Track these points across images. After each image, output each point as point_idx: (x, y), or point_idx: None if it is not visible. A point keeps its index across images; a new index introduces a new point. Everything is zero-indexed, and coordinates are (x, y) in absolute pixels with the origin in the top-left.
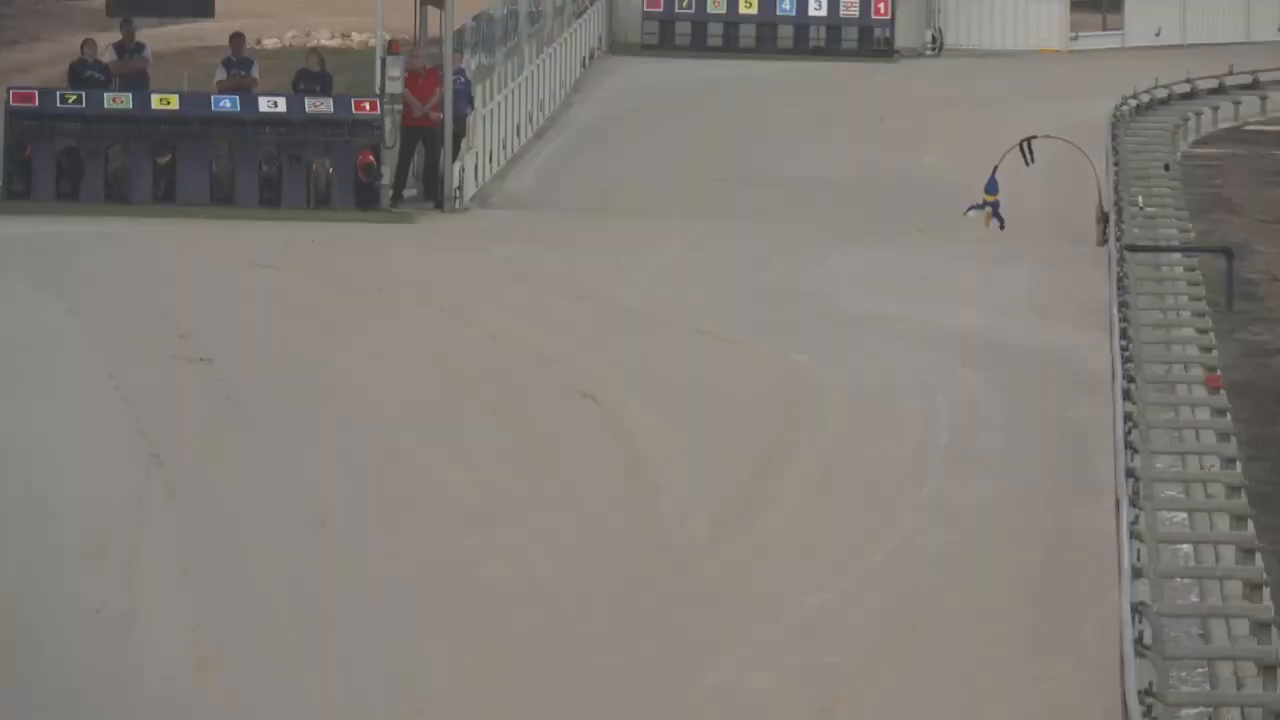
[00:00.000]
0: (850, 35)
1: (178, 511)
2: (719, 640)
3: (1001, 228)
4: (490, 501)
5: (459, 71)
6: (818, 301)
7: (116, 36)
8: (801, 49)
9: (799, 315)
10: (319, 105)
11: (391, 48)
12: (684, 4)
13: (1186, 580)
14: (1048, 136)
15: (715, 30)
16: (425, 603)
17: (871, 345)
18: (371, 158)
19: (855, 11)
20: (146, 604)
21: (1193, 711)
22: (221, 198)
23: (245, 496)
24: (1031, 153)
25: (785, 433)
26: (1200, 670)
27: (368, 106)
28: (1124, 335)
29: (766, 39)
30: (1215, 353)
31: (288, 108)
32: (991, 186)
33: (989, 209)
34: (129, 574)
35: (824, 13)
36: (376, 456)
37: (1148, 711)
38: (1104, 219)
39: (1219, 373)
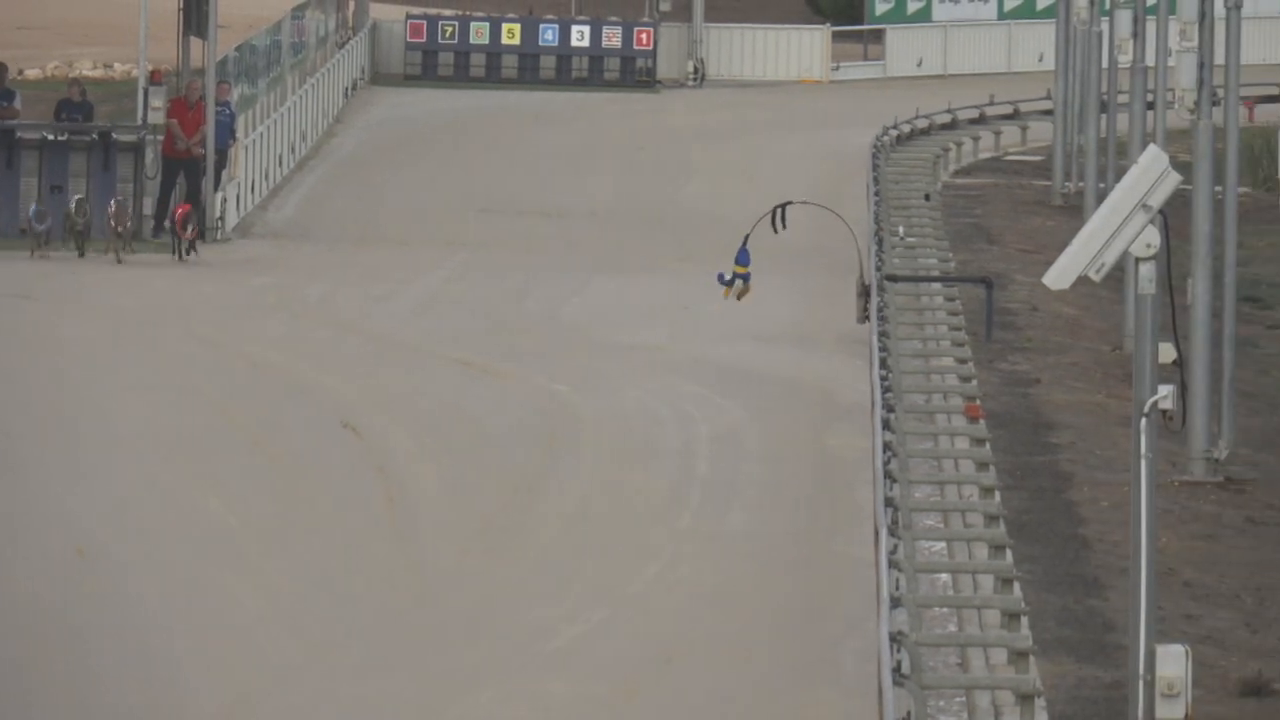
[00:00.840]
0: (613, 65)
1: None
2: (476, 670)
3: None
4: (249, 531)
5: (224, 104)
6: (578, 331)
7: None
8: (564, 79)
9: (559, 345)
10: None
11: (153, 78)
12: (447, 35)
13: (945, 609)
14: (804, 202)
15: (478, 61)
16: (184, 632)
17: (631, 375)
18: (189, 207)
19: (617, 42)
20: None
21: None
22: None
23: (2, 527)
24: (783, 220)
25: (544, 462)
26: (959, 699)
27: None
28: (884, 365)
29: (529, 69)
30: (974, 382)
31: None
32: (742, 257)
33: (740, 282)
34: None
35: (586, 43)
36: (135, 487)
37: None
38: (865, 293)
39: (978, 402)
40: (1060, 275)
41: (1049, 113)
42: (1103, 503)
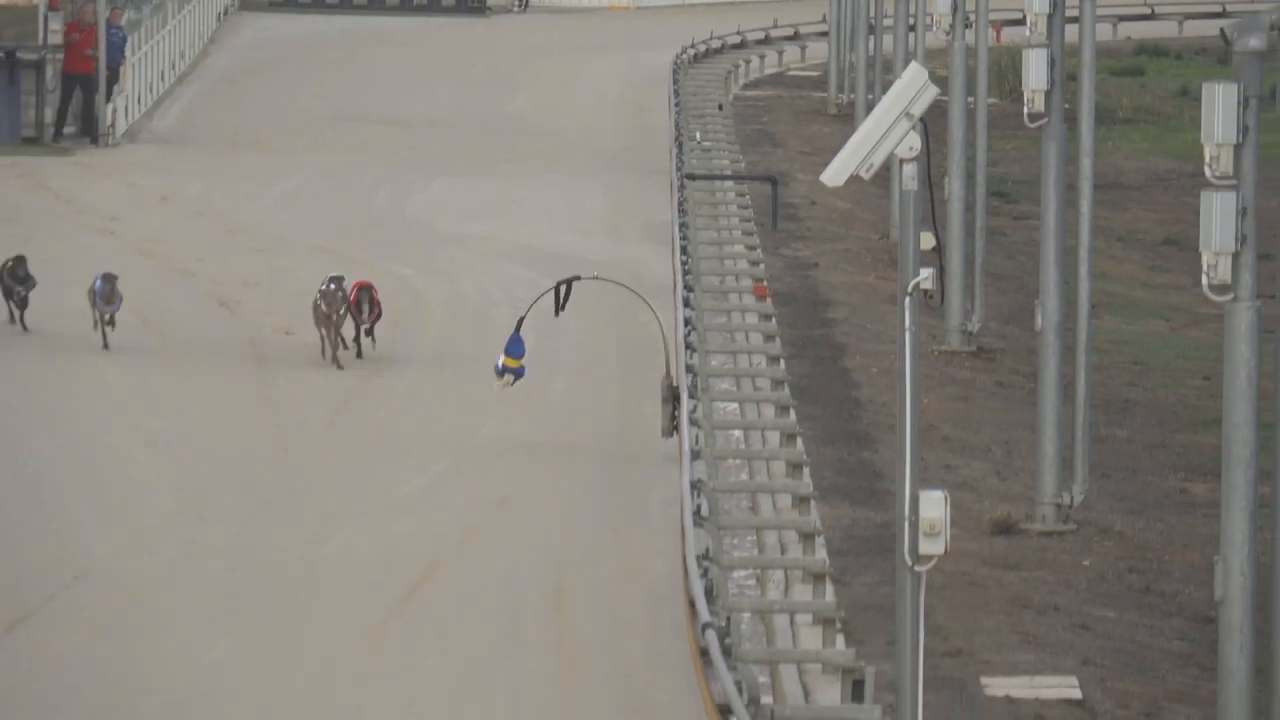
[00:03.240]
0: None
1: None
2: (334, 517)
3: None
4: (139, 397)
5: (117, 27)
6: (421, 224)
7: None
8: (406, 6)
9: (405, 235)
10: None
11: (52, 4)
12: None
13: (737, 461)
14: (594, 277)
15: None
16: (80, 486)
17: (467, 261)
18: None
19: None
20: None
21: (743, 573)
22: None
23: None
24: (567, 297)
25: (393, 335)
26: (750, 538)
27: None
28: (684, 251)
29: None
30: (762, 266)
31: None
32: (515, 348)
33: (510, 376)
34: None
35: None
36: (39, 362)
37: (704, 573)
38: (673, 399)
39: (765, 283)
40: (835, 174)
41: (825, 34)
42: (873, 369)
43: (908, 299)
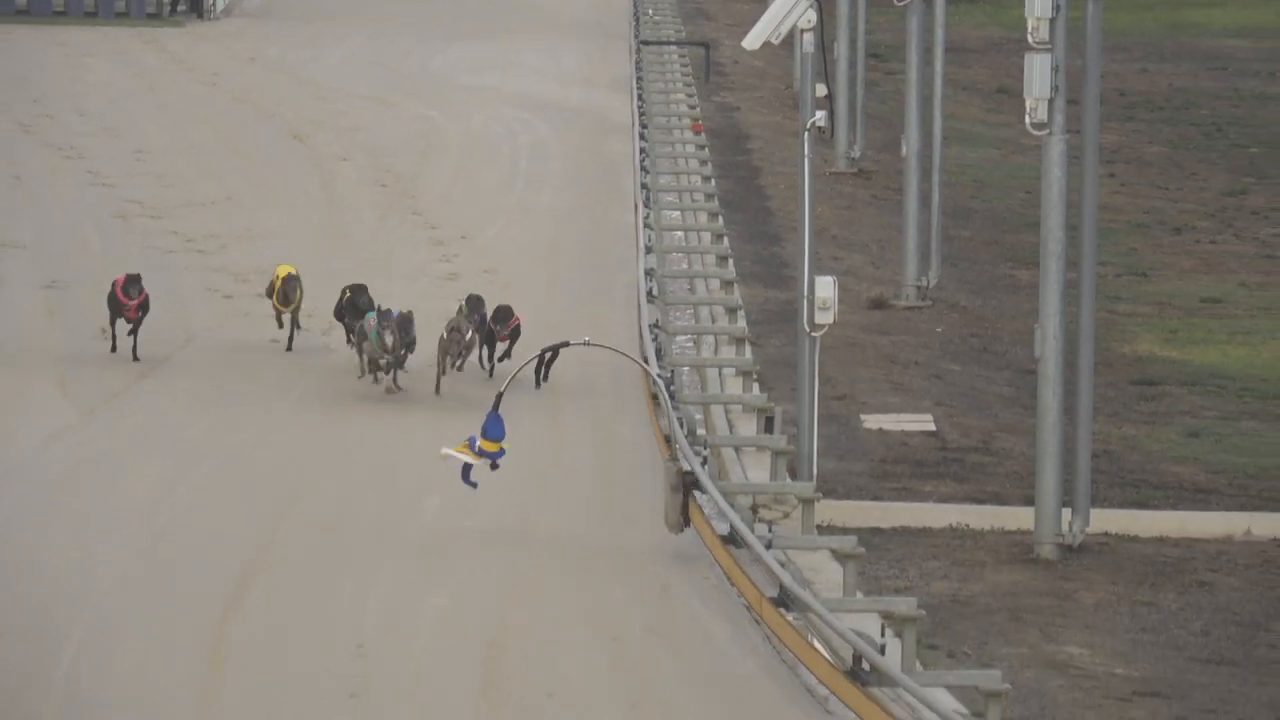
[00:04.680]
0: None
1: None
2: (394, 287)
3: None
4: (231, 202)
5: None
6: (442, 77)
7: None
8: None
9: (430, 86)
10: None
11: None
12: None
13: (679, 254)
14: (585, 342)
15: None
16: (184, 256)
17: (478, 105)
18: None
19: None
20: None
21: (683, 338)
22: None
23: None
24: (553, 361)
25: (422, 160)
26: (689, 311)
27: None
28: (640, 98)
29: None
30: (698, 109)
31: None
32: (494, 428)
33: (489, 460)
34: None
35: None
36: (152, 176)
37: (655, 338)
38: (684, 488)
39: (700, 121)
40: (753, 40)
41: None
42: (780, 186)
43: (806, 134)
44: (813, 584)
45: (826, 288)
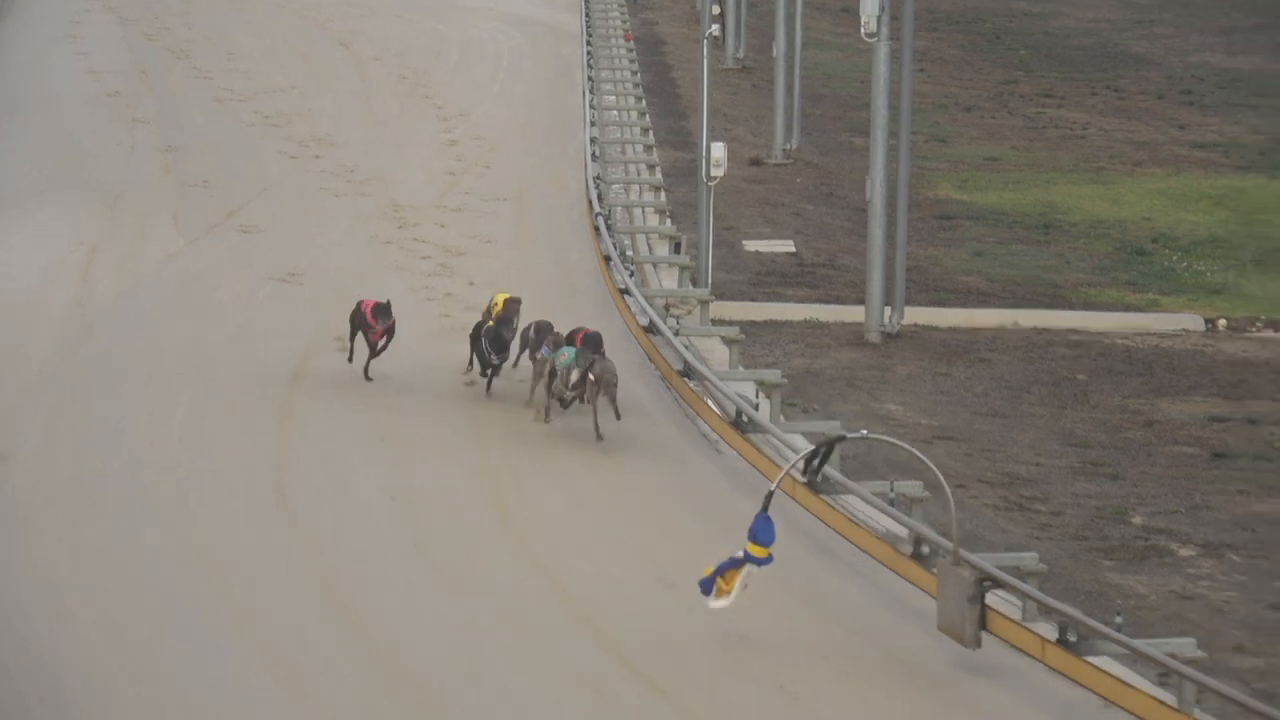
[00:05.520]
0: None
1: None
2: (408, 148)
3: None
4: (285, 92)
5: None
6: (452, 0)
7: None
8: None
9: (443, 6)
10: None
11: None
12: None
13: (615, 127)
14: (862, 435)
15: None
16: (267, 133)
17: (475, 21)
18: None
19: None
20: None
21: (617, 186)
22: None
23: None
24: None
25: (433, 60)
26: (622, 168)
27: None
28: (587, 14)
29: None
30: (628, 23)
31: None
32: (764, 533)
33: (750, 567)
34: None
35: None
36: (232, 74)
37: (597, 187)
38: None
39: (630, 32)
40: None
41: None
42: (686, 78)
43: (705, 41)
44: (707, 360)
45: (719, 150)
